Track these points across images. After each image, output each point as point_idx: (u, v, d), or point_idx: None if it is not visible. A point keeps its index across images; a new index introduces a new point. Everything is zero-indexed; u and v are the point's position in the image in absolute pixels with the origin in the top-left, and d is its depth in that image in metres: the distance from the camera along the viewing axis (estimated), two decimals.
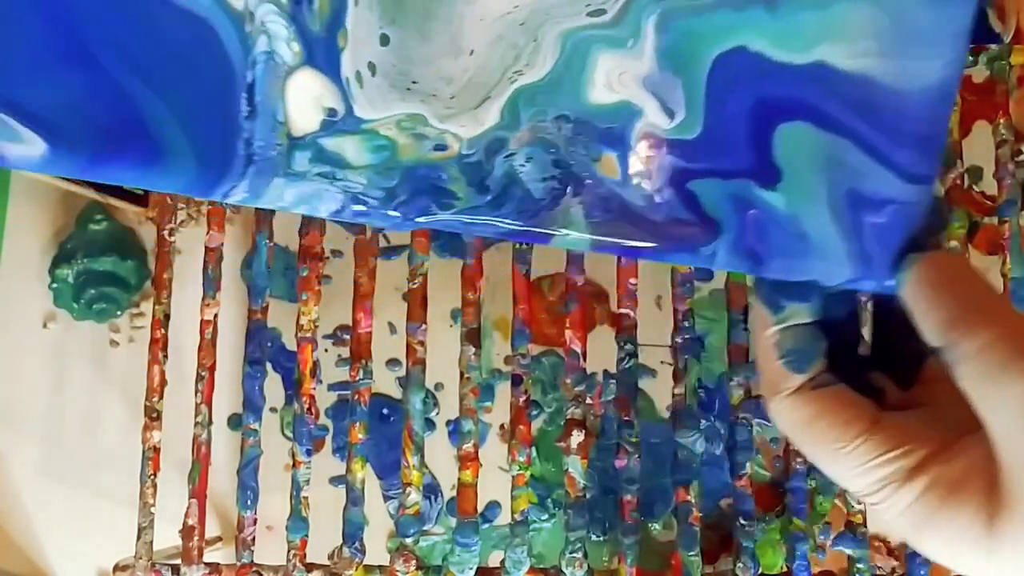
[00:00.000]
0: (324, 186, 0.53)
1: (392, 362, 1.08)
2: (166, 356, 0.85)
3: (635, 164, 0.54)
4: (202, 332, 0.84)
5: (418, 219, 0.56)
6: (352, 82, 0.52)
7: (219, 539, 1.04)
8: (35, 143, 0.48)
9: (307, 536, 0.81)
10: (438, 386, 1.09)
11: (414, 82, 0.53)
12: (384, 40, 0.52)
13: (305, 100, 0.51)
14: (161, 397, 0.84)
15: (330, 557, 0.85)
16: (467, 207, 0.55)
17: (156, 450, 0.84)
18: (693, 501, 0.80)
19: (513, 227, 0.56)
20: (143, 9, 0.49)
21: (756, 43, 0.53)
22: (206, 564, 0.82)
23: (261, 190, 0.52)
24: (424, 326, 0.82)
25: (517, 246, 0.82)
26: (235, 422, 1.06)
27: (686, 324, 0.82)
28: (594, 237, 0.55)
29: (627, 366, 0.82)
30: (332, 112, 0.52)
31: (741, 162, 0.54)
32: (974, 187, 1.02)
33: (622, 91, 0.54)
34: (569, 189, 0.55)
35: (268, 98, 0.51)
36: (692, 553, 0.80)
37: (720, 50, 0.53)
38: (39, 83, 0.49)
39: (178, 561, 0.82)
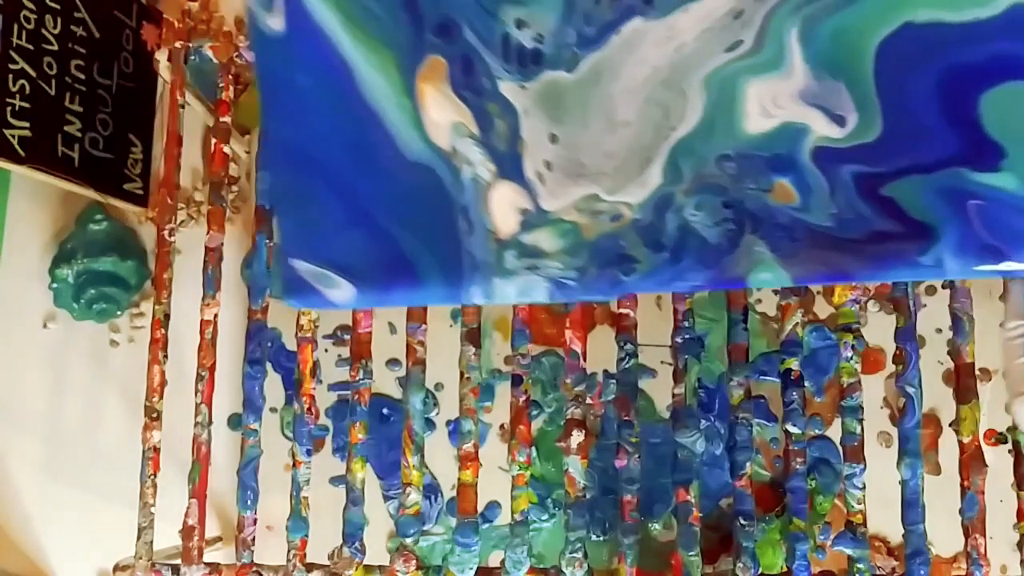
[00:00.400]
0: (532, 277, 0.61)
1: (392, 362, 1.08)
2: (166, 356, 0.85)
3: (811, 183, 0.52)
4: (202, 332, 0.84)
5: (612, 290, 0.59)
6: (535, 182, 0.59)
7: (219, 539, 1.04)
8: (346, 287, 0.62)
9: (307, 536, 0.81)
10: (438, 386, 1.09)
11: (583, 166, 0.59)
12: (553, 139, 0.59)
13: (504, 207, 0.60)
14: (161, 397, 0.84)
15: (330, 557, 0.85)
16: (649, 269, 0.58)
17: (156, 450, 0.84)
18: (693, 501, 0.80)
19: (699, 282, 0.57)
20: (394, 170, 0.61)
21: (924, 13, 0.49)
22: (206, 564, 0.82)
23: (490, 291, 0.62)
24: (424, 326, 0.82)
25: None
26: (235, 422, 1.06)
27: (686, 324, 0.82)
28: (790, 271, 0.54)
29: (627, 366, 0.82)
30: (525, 211, 0.60)
31: (944, 148, 0.50)
32: None
33: (779, 113, 0.53)
34: (746, 227, 0.55)
35: (478, 213, 0.61)
36: (692, 553, 0.80)
37: (879, 37, 0.49)
38: (343, 243, 0.62)
39: (178, 561, 0.82)
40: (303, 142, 0.61)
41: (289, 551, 0.80)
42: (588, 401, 0.81)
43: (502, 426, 1.08)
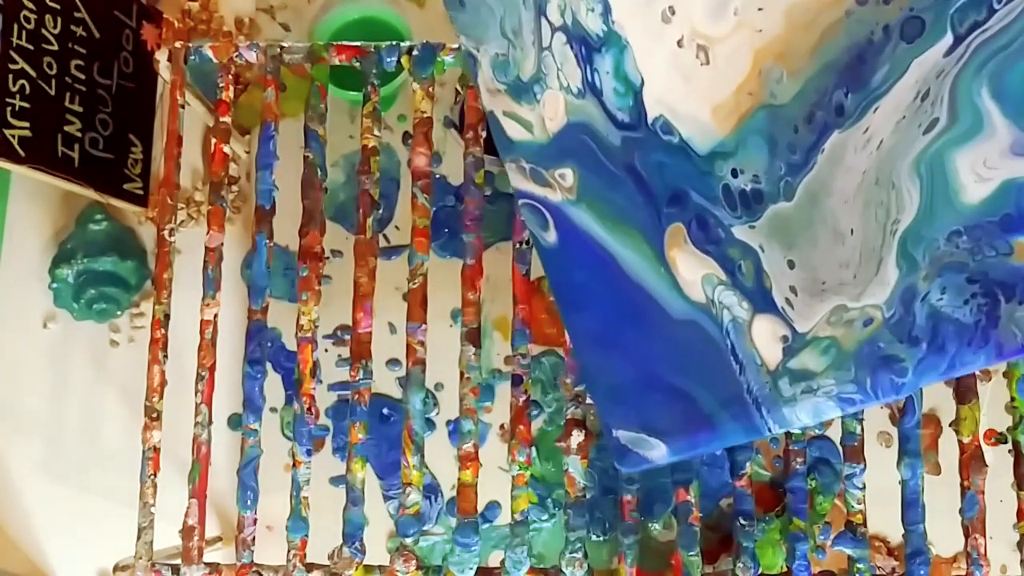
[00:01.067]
0: (815, 399, 0.63)
1: (392, 362, 1.08)
2: (166, 356, 0.85)
3: None
4: (202, 332, 0.84)
5: (899, 393, 0.60)
6: (786, 308, 0.63)
7: (219, 539, 1.04)
8: (659, 446, 0.69)
9: (307, 536, 0.81)
10: (438, 386, 1.09)
11: (823, 283, 0.61)
12: (791, 265, 0.62)
13: (766, 340, 0.64)
14: (161, 397, 0.84)
15: (330, 557, 0.85)
16: (917, 363, 0.58)
17: (156, 450, 0.84)
18: (693, 501, 0.80)
19: (979, 363, 0.56)
20: (667, 332, 0.68)
21: None
22: (206, 564, 0.82)
23: (783, 420, 0.65)
24: (424, 326, 0.82)
25: (517, 246, 0.83)
26: (235, 422, 1.06)
27: None
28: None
29: None
30: (785, 339, 0.63)
31: None
32: None
33: (994, 175, 0.52)
34: (1000, 298, 0.54)
35: (745, 352, 0.65)
36: (692, 553, 0.80)
37: None
38: (647, 407, 0.69)
39: (178, 561, 0.82)
40: (595, 326, 0.70)
41: (289, 551, 0.80)
42: (588, 401, 0.81)
43: (502, 426, 1.08)
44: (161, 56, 0.89)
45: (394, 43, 0.87)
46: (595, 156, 0.70)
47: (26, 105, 0.93)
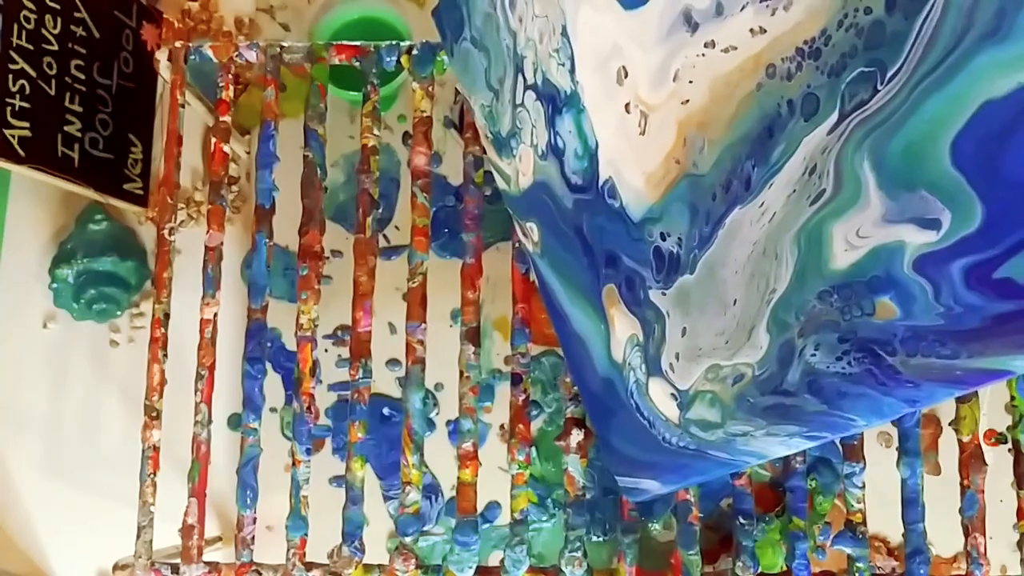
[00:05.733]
0: (736, 443, 0.66)
1: (392, 362, 1.08)
2: (166, 356, 0.85)
3: (913, 292, 0.52)
4: (202, 332, 0.84)
5: (833, 434, 0.62)
6: (668, 372, 0.67)
7: (219, 538, 1.04)
8: (651, 482, 0.73)
9: (307, 535, 0.81)
10: (438, 386, 1.09)
11: (700, 349, 0.65)
12: (683, 332, 0.66)
13: (662, 398, 0.68)
14: (161, 397, 0.84)
15: (330, 556, 0.85)
16: (807, 423, 0.61)
17: (156, 449, 0.84)
18: (693, 501, 0.80)
19: (880, 417, 0.58)
20: (599, 391, 0.73)
21: (1004, 84, 0.47)
22: (206, 563, 0.82)
23: (697, 466, 0.69)
24: (424, 326, 0.82)
25: (517, 245, 0.83)
26: (235, 422, 1.06)
27: None
28: (948, 383, 0.53)
29: None
30: (674, 396, 0.68)
31: None
32: None
33: (863, 243, 0.54)
34: (880, 353, 0.55)
35: (648, 410, 0.70)
36: (692, 553, 0.80)
37: (954, 131, 0.48)
38: (626, 458, 0.74)
39: (178, 560, 0.82)
40: (583, 384, 0.76)
41: (289, 550, 0.80)
42: None
43: (502, 426, 1.08)
44: (161, 56, 0.90)
45: (394, 43, 0.87)
46: (552, 216, 0.72)
47: (26, 105, 0.93)
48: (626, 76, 0.63)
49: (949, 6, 0.48)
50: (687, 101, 0.60)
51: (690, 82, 0.60)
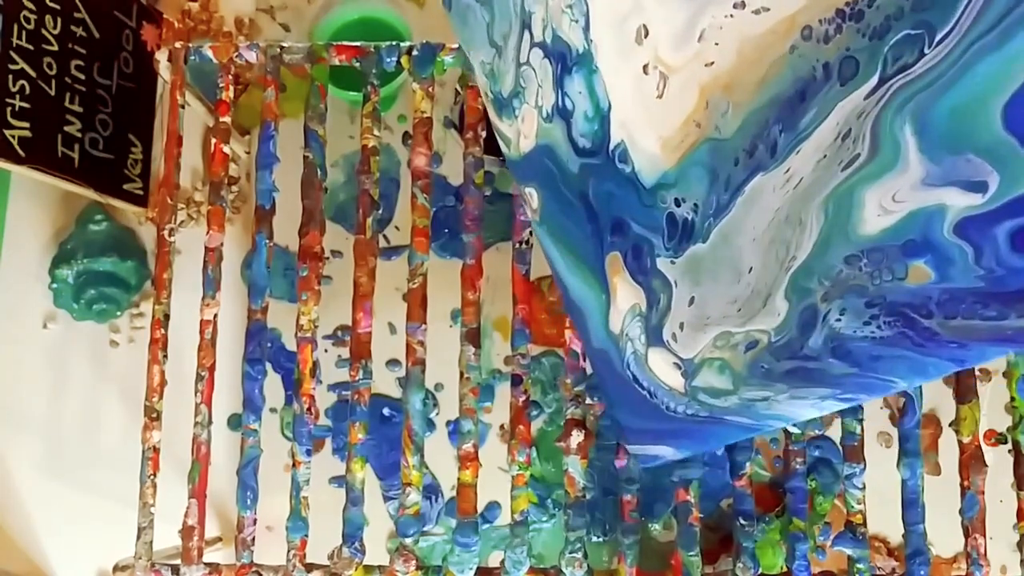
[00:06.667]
0: (757, 408, 0.64)
1: (392, 362, 1.08)
2: (166, 356, 0.85)
3: (953, 255, 0.51)
4: (202, 332, 0.84)
5: (818, 406, 0.62)
6: (671, 341, 0.66)
7: (219, 539, 1.04)
8: (664, 448, 0.72)
9: (307, 536, 0.81)
10: (438, 386, 1.09)
11: (708, 318, 0.64)
12: (691, 302, 0.64)
13: (664, 368, 0.67)
14: (161, 397, 0.84)
15: (330, 557, 0.85)
16: (838, 385, 0.59)
17: (156, 450, 0.84)
18: (693, 501, 0.80)
19: (917, 379, 0.57)
20: (594, 361, 0.73)
21: None
22: (206, 564, 0.82)
23: (718, 432, 0.67)
24: (424, 326, 0.82)
25: (517, 246, 0.83)
26: (235, 422, 1.06)
27: None
28: (1000, 341, 0.52)
29: None
30: (677, 365, 0.66)
31: None
32: None
33: (899, 208, 0.52)
34: (913, 316, 0.54)
35: (648, 381, 0.68)
36: (692, 553, 0.80)
37: (1010, 91, 0.48)
38: (638, 427, 0.73)
39: (178, 561, 0.82)
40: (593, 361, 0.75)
41: (289, 551, 0.80)
42: (588, 401, 0.81)
43: (502, 426, 1.08)
44: (161, 56, 0.89)
45: (394, 43, 0.87)
46: (555, 181, 0.70)
47: (26, 105, 0.93)
48: (646, 35, 0.61)
49: None
50: (712, 63, 0.58)
51: (716, 44, 0.57)
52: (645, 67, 0.61)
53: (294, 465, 0.81)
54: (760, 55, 0.56)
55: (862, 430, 0.80)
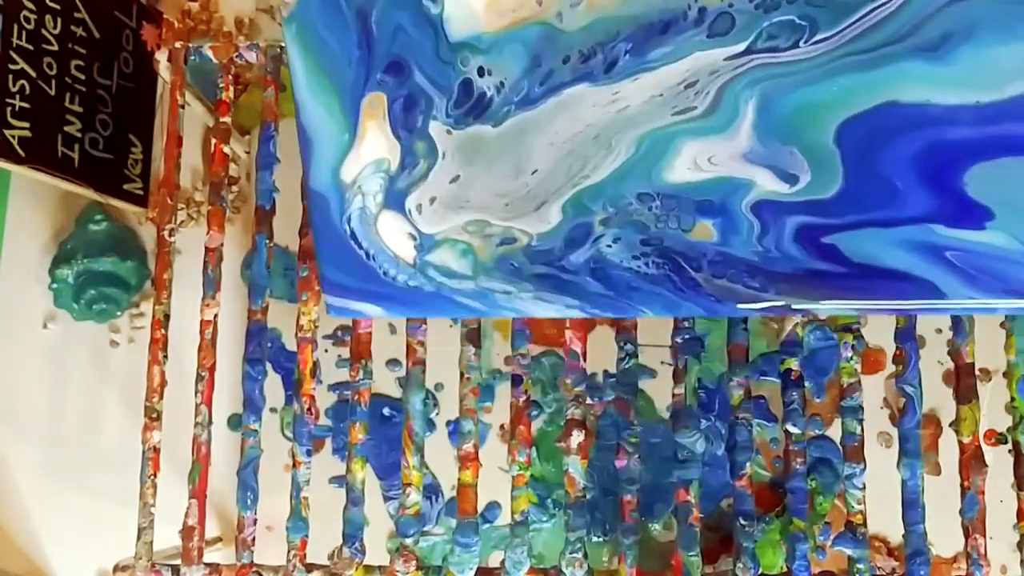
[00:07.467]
0: (495, 298, 0.63)
1: (392, 362, 1.08)
2: (166, 356, 0.85)
3: (739, 225, 0.57)
4: (202, 332, 0.84)
5: (561, 312, 0.63)
6: (413, 212, 0.63)
7: (219, 539, 1.04)
8: (375, 309, 0.69)
9: (307, 536, 0.81)
10: (438, 386, 1.09)
11: (468, 201, 0.62)
12: (455, 179, 0.62)
13: (394, 235, 0.64)
14: (161, 397, 0.84)
15: (330, 557, 0.85)
16: (589, 301, 0.61)
17: (156, 450, 0.84)
18: (693, 501, 0.80)
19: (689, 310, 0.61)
20: (311, 205, 0.66)
21: (912, 94, 0.51)
22: (206, 564, 0.82)
23: (443, 307, 0.66)
24: (424, 326, 0.82)
25: None
26: (235, 422, 1.06)
27: (686, 324, 0.82)
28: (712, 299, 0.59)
29: (627, 366, 0.82)
30: (414, 237, 0.64)
31: (916, 208, 0.54)
32: None
33: (713, 170, 0.56)
34: (683, 264, 0.58)
35: (369, 242, 0.65)
36: (692, 553, 0.80)
37: (849, 113, 0.52)
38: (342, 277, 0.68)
39: (178, 561, 0.82)
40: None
41: (289, 551, 0.80)
42: (588, 402, 0.81)
43: (502, 426, 1.08)
44: (161, 56, 0.89)
45: None
46: None
47: (26, 105, 0.93)
48: None
49: (906, 6, 0.50)
50: None
51: None
52: None
53: (294, 465, 0.81)
54: None
55: (862, 430, 0.80)
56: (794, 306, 0.58)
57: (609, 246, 0.59)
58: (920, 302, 0.59)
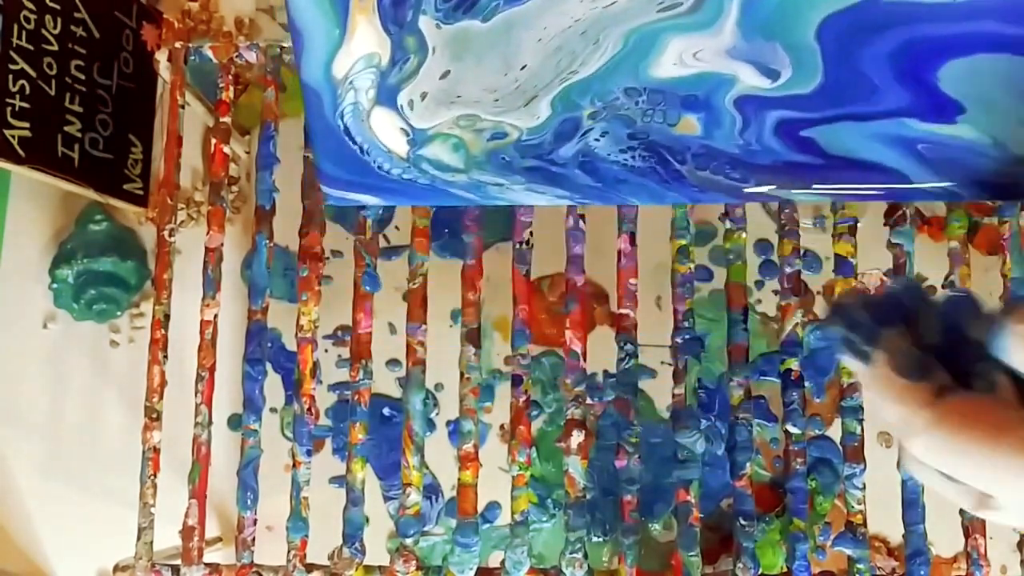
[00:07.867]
0: (488, 190, 0.64)
1: (392, 362, 1.08)
2: (166, 356, 0.85)
3: (722, 120, 0.58)
4: (202, 332, 0.84)
5: (552, 202, 0.64)
6: (404, 107, 0.63)
7: (219, 539, 1.04)
8: (371, 198, 0.70)
9: (307, 536, 0.81)
10: (438, 386, 1.09)
11: (458, 96, 0.62)
12: (445, 75, 0.62)
13: (387, 130, 0.64)
14: (161, 397, 0.84)
15: (330, 557, 0.85)
16: (578, 191, 0.62)
17: (156, 450, 0.84)
18: (693, 501, 0.80)
19: (638, 199, 0.62)
20: (305, 99, 0.64)
21: None
22: (206, 564, 0.82)
23: (438, 197, 0.67)
24: (424, 326, 0.82)
25: (517, 246, 0.82)
26: (235, 422, 1.06)
27: (686, 324, 0.82)
28: (732, 196, 0.60)
29: (627, 366, 0.82)
30: (406, 132, 0.64)
31: (891, 102, 0.56)
32: None
33: (697, 65, 0.57)
34: (668, 157, 0.60)
35: (363, 137, 0.65)
36: (692, 553, 0.80)
37: (832, 8, 0.53)
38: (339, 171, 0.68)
39: (178, 561, 0.82)
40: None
41: (289, 551, 0.80)
42: (588, 402, 0.81)
43: (502, 426, 1.08)
44: (161, 56, 0.89)
45: None
46: None
47: (26, 105, 0.93)
48: None
49: None
50: None
51: None
52: None
53: (294, 465, 0.81)
54: None
55: (862, 430, 0.80)
56: (773, 194, 0.61)
57: (597, 140, 0.61)
58: (888, 186, 0.61)
